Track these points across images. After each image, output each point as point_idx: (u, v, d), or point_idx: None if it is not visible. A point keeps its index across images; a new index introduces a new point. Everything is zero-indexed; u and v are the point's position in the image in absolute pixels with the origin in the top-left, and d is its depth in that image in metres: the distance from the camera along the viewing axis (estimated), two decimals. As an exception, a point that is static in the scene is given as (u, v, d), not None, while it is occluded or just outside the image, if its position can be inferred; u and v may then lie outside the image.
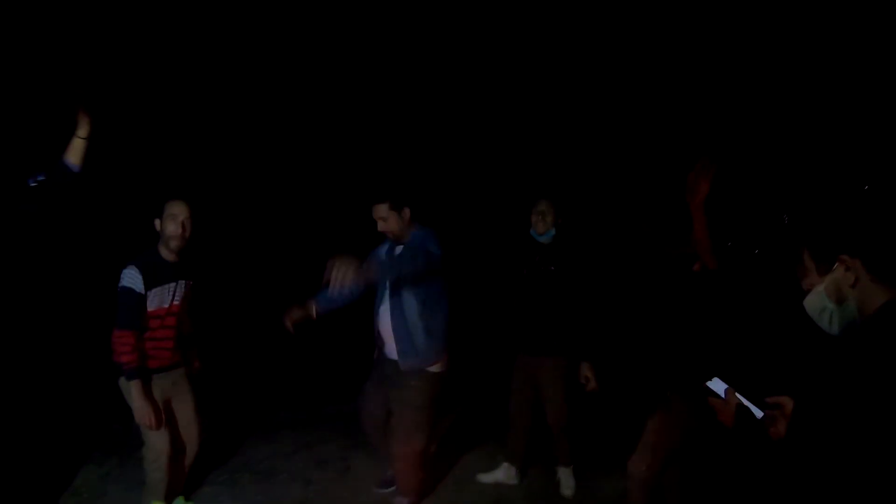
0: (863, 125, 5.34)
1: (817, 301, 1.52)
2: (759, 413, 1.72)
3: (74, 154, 2.49)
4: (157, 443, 2.96)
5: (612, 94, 5.97)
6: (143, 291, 2.83)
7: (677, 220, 2.78)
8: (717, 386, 1.85)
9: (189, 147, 5.53)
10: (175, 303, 2.97)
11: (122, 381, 2.90)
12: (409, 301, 3.01)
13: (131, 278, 2.81)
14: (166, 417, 2.98)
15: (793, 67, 5.41)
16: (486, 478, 3.71)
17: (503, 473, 3.69)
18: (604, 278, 3.74)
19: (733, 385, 1.85)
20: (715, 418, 1.86)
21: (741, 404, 1.75)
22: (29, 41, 4.20)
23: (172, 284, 2.94)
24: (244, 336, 5.61)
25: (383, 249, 3.21)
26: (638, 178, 5.82)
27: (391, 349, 3.09)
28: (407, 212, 3.05)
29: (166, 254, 2.93)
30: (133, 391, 2.84)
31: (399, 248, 3.10)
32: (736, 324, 2.63)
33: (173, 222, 2.87)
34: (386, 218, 3.03)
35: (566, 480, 3.65)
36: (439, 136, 6.25)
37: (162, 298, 2.92)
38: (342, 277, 2.57)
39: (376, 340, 3.26)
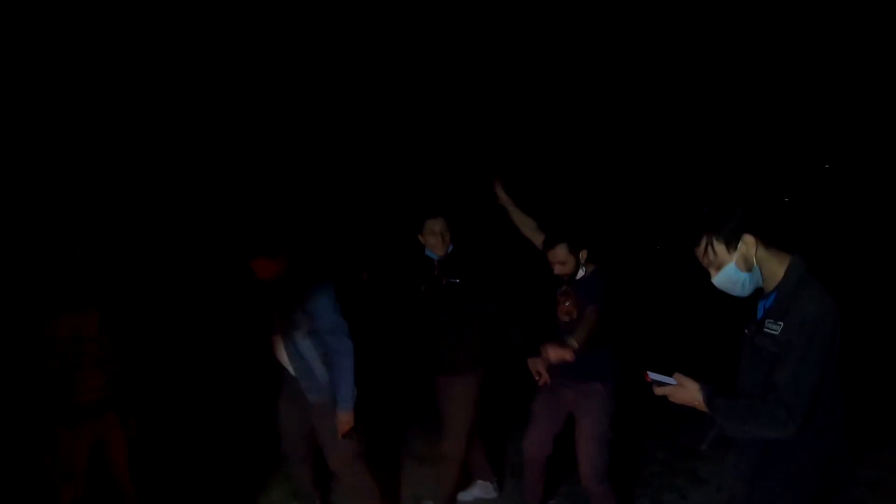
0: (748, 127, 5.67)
1: (731, 274, 1.89)
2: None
3: None
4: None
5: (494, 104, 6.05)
6: None
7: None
8: (661, 377, 1.96)
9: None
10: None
11: None
12: (302, 340, 2.96)
13: None
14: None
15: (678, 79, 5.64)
16: (465, 496, 3.71)
17: (479, 490, 3.71)
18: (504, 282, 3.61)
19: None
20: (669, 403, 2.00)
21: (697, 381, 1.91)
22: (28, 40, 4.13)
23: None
24: (218, 367, 5.52)
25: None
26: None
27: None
28: (282, 254, 2.94)
29: None
30: None
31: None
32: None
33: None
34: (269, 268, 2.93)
35: None
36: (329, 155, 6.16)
37: None
38: None
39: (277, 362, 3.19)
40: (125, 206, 5.18)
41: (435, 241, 3.25)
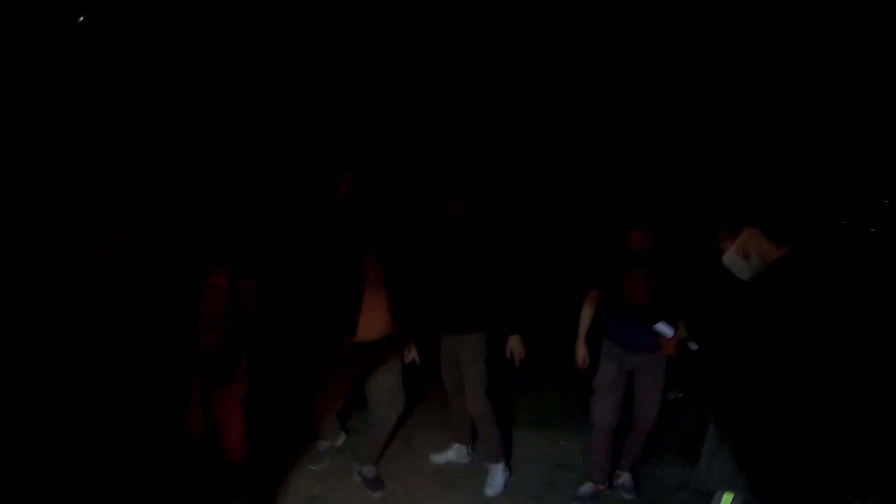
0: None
1: (730, 257, 2.20)
2: (693, 346, 2.35)
3: None
4: None
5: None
6: None
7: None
8: (664, 328, 2.46)
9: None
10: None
11: None
12: None
13: None
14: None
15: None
16: (439, 458, 3.87)
17: (455, 453, 3.90)
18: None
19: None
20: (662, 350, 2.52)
21: (682, 339, 2.38)
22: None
23: None
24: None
25: None
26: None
27: None
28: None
29: None
30: None
31: None
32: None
33: None
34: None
35: (493, 479, 3.60)
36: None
37: None
38: None
39: None
40: (251, 172, 5.07)
41: (458, 210, 3.44)
